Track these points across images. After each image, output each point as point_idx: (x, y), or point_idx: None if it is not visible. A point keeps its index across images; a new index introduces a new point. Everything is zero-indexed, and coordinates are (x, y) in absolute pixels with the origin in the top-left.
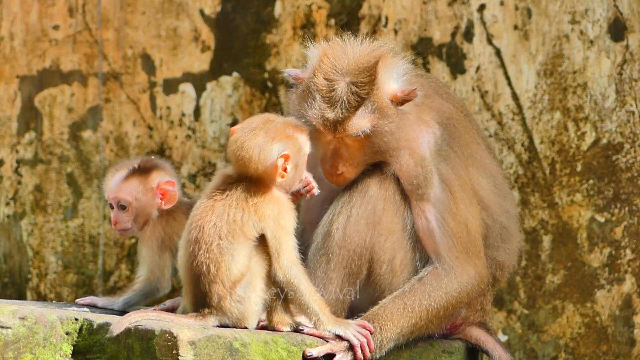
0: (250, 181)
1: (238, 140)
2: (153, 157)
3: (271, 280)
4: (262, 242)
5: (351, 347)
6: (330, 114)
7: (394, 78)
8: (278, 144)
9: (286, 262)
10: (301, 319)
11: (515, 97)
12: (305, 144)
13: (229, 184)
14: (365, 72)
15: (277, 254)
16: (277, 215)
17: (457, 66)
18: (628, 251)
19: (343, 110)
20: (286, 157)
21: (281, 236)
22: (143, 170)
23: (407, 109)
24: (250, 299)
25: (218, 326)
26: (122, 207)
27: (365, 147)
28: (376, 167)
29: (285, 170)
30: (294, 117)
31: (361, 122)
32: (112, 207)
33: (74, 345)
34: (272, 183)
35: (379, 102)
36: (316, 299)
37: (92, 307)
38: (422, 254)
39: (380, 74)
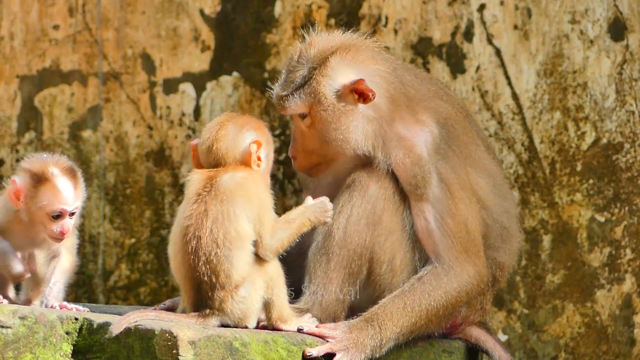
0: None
1: (209, 137)
2: (44, 154)
3: (269, 275)
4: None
5: (351, 347)
6: (277, 90)
7: (349, 70)
8: (249, 132)
9: (269, 239)
10: (303, 317)
11: (515, 97)
12: (270, 137)
13: (210, 180)
14: (320, 60)
15: (260, 237)
16: (261, 196)
17: (457, 66)
18: (628, 251)
19: (286, 88)
20: (258, 144)
21: (264, 216)
22: (75, 173)
23: (370, 106)
24: (252, 297)
25: (219, 326)
26: (72, 214)
27: (313, 134)
28: (375, 166)
29: (259, 159)
30: None
31: (298, 102)
32: (57, 217)
33: (74, 345)
34: None
35: (323, 89)
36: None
37: None
38: (421, 253)
39: (333, 63)
